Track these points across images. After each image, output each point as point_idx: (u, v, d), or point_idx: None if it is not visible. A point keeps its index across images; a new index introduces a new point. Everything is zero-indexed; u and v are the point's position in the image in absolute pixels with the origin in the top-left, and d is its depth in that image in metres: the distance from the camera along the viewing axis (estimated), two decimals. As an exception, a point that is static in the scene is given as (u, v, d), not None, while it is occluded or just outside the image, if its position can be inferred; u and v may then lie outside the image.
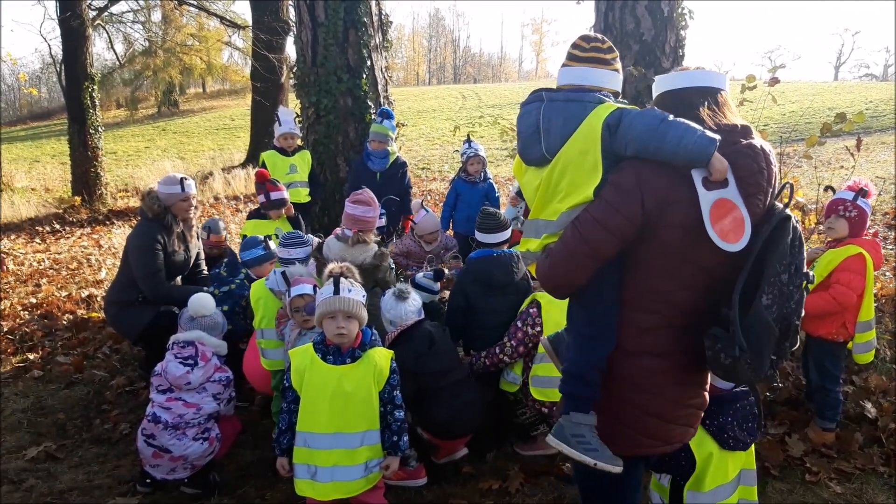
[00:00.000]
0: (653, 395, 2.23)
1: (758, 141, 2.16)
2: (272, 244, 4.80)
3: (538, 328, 3.93)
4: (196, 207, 5.23)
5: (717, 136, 2.06)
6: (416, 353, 3.72)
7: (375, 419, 3.04)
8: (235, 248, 5.62)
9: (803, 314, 2.17)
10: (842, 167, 11.38)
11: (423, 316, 3.91)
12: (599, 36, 2.37)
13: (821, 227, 5.01)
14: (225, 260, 4.96)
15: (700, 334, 2.17)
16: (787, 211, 2.11)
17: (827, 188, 4.31)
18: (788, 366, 4.88)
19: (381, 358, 3.06)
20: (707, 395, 2.39)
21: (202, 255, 5.47)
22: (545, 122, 2.27)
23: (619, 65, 2.36)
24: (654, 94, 2.33)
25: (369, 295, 3.43)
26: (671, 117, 2.10)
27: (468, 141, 6.62)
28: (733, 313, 2.04)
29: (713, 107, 2.20)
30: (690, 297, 2.16)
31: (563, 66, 2.39)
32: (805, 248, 2.19)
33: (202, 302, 3.92)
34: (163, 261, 4.91)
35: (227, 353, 4.01)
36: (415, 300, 3.88)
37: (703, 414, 2.41)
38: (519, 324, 4.02)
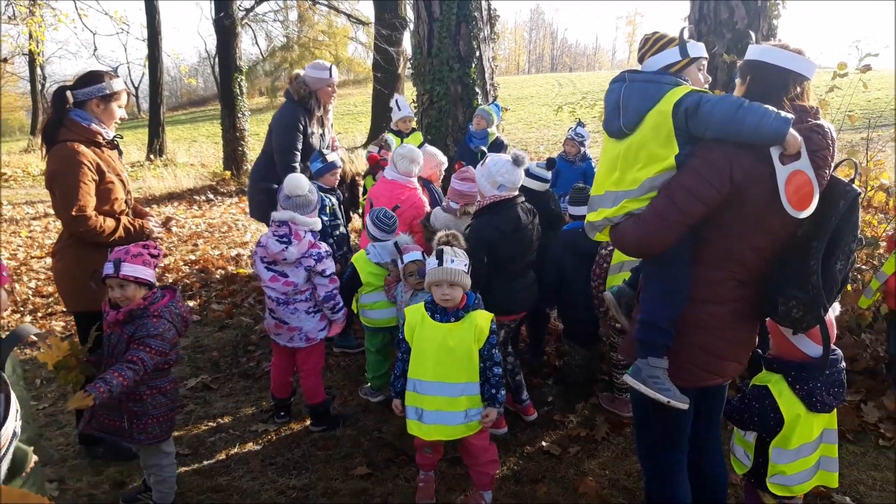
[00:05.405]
0: (713, 336, 2.30)
1: (823, 121, 2.20)
2: (333, 155, 4.74)
3: (606, 264, 3.86)
4: (336, 96, 5.16)
5: (791, 116, 2.09)
6: (499, 231, 3.58)
7: (475, 373, 3.02)
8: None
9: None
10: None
11: (520, 195, 3.72)
12: (648, 33, 2.45)
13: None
14: (328, 207, 4.75)
15: (751, 287, 2.26)
16: (856, 188, 2.16)
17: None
18: (867, 338, 4.60)
19: (482, 320, 3.04)
20: (756, 336, 2.45)
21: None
22: (625, 100, 2.31)
23: (672, 43, 2.39)
24: (756, 58, 2.30)
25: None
26: (747, 103, 2.12)
27: (579, 124, 6.46)
28: (816, 278, 2.11)
29: (799, 91, 2.21)
30: (754, 257, 2.23)
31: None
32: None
33: (296, 181, 3.79)
34: (302, 142, 4.85)
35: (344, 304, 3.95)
36: (521, 176, 3.67)
37: (750, 353, 2.45)
38: (596, 270, 3.95)
